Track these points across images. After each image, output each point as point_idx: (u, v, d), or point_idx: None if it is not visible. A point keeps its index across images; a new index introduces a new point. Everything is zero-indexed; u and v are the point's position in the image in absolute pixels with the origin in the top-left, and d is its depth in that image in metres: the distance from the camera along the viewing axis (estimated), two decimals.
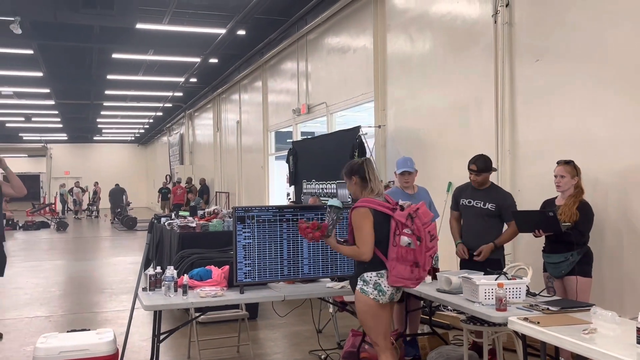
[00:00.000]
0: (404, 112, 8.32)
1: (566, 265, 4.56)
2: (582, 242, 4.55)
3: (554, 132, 5.57)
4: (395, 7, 8.50)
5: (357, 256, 3.83)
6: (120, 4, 9.40)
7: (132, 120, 29.39)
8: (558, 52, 5.52)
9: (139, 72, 16.21)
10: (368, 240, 3.77)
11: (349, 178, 4.01)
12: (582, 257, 4.53)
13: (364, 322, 3.97)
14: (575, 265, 4.52)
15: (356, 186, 3.97)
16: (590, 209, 4.61)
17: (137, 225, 20.62)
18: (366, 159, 4.11)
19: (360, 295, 3.86)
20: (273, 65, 14.06)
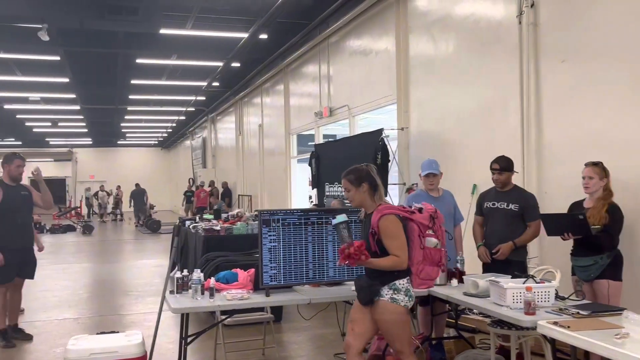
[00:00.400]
0: (427, 114, 8.28)
1: (595, 268, 4.49)
2: (611, 246, 4.48)
3: (581, 134, 5.50)
4: (417, 8, 8.47)
5: (398, 266, 3.69)
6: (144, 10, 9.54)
7: (156, 125, 29.70)
8: (584, 52, 5.46)
9: (162, 76, 16.40)
10: (405, 247, 3.73)
11: (358, 185, 3.84)
12: (612, 260, 4.46)
13: (394, 332, 3.78)
14: (605, 269, 4.46)
15: (366, 194, 3.84)
16: (620, 212, 4.54)
17: (161, 228, 20.82)
18: (368, 165, 3.96)
19: (391, 306, 3.71)
20: (295, 68, 14.10)
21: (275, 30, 11.55)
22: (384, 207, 3.79)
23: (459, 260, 5.05)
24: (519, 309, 3.75)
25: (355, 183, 3.86)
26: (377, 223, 3.71)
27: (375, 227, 3.72)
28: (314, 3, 10.29)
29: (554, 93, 5.86)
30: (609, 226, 4.46)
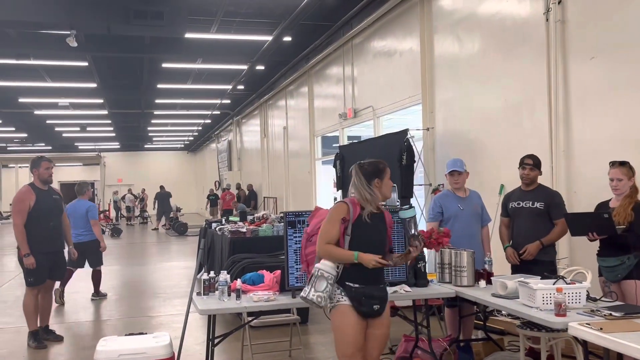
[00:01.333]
0: (453, 114, 8.21)
1: (622, 268, 4.40)
2: (639, 245, 4.38)
3: (611, 132, 5.39)
4: (442, 8, 8.41)
5: None
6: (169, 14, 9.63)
7: (182, 128, 30.01)
8: (615, 49, 5.35)
9: (187, 80, 16.56)
10: None
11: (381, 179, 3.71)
12: (639, 260, 4.36)
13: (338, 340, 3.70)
14: (632, 269, 4.36)
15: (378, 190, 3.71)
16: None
17: (187, 230, 21.02)
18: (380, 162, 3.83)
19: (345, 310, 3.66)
20: (319, 70, 14.11)
21: (299, 32, 11.58)
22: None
23: (486, 262, 4.99)
24: (549, 311, 3.69)
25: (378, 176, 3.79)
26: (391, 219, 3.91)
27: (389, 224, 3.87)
28: (337, 4, 10.29)
29: (583, 91, 5.76)
30: (635, 225, 4.36)
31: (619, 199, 4.54)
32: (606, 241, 4.51)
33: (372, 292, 3.66)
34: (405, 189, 8.04)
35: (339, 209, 3.68)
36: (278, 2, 10.35)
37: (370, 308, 3.64)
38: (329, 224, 3.66)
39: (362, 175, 3.73)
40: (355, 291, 3.61)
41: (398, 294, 4.61)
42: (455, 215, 5.45)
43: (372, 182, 3.71)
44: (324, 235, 3.65)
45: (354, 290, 3.61)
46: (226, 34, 11.67)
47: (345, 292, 3.62)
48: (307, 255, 3.89)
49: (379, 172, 3.75)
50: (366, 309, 3.63)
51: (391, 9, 9.69)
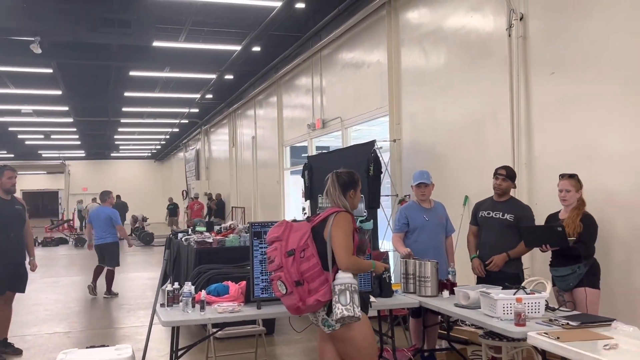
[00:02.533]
0: (419, 126, 8.32)
1: (574, 277, 4.54)
2: (588, 254, 4.52)
3: (571, 145, 5.54)
4: (409, 22, 8.54)
5: None
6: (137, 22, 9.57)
7: (149, 137, 29.69)
8: (574, 64, 5.51)
9: (155, 89, 16.42)
10: None
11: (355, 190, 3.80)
12: (589, 269, 4.52)
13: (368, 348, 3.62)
14: (583, 278, 4.51)
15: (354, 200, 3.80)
16: (594, 221, 4.61)
17: (154, 240, 20.73)
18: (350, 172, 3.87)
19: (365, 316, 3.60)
20: (288, 80, 14.16)
21: (268, 42, 11.62)
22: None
23: (450, 272, 5.06)
24: (509, 320, 3.76)
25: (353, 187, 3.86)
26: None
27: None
28: (306, 16, 10.37)
29: (544, 105, 5.91)
30: (584, 235, 4.53)
31: (568, 210, 4.69)
32: (558, 251, 4.65)
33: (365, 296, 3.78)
34: (372, 200, 8.10)
35: (350, 220, 3.65)
36: (247, 12, 10.38)
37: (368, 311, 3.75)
38: (348, 236, 3.60)
39: (338, 185, 3.75)
40: (364, 297, 3.71)
41: None
42: (421, 226, 5.52)
43: (347, 193, 3.74)
44: (349, 249, 3.58)
45: (363, 296, 3.69)
46: (194, 43, 11.64)
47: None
48: (304, 273, 3.54)
49: (355, 183, 3.79)
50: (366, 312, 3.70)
51: (359, 22, 9.80)
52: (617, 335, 3.31)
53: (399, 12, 8.76)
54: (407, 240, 5.54)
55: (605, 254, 4.95)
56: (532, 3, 6.02)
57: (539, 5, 5.95)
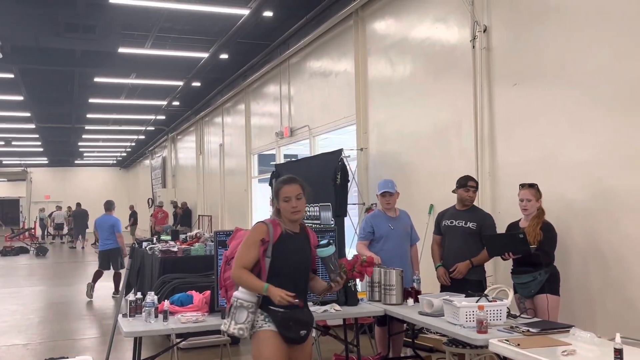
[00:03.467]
0: (385, 135, 8.39)
1: (534, 284, 4.63)
2: (548, 262, 4.63)
3: (532, 155, 5.66)
4: (375, 32, 8.63)
5: None
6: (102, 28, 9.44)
7: (114, 144, 29.23)
8: (535, 76, 5.64)
9: (121, 95, 16.20)
10: None
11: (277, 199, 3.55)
12: (549, 276, 4.62)
13: None
14: (543, 284, 4.61)
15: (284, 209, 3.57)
16: (553, 229, 4.72)
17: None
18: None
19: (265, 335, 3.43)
20: (256, 88, 14.13)
21: (236, 50, 11.58)
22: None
23: (415, 280, 5.10)
24: (472, 328, 3.80)
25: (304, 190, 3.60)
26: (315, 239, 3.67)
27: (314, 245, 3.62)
28: (274, 24, 10.38)
29: (507, 115, 6.03)
30: (544, 243, 4.63)
31: (528, 219, 4.80)
32: (519, 259, 4.73)
33: (300, 316, 3.48)
34: (339, 208, 8.14)
35: (257, 230, 3.48)
36: (214, 19, 10.34)
37: (297, 334, 3.46)
38: (246, 246, 3.46)
39: (273, 193, 3.61)
40: (282, 316, 3.40)
41: (328, 313, 4.65)
42: (386, 234, 5.56)
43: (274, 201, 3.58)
44: (240, 259, 3.44)
45: (279, 314, 3.39)
46: (161, 49, 11.54)
47: (271, 317, 3.40)
48: (225, 280, 3.70)
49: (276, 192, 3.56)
50: (293, 335, 3.44)
51: (327, 31, 9.85)
52: (575, 341, 3.38)
53: (366, 22, 8.84)
54: (373, 249, 5.56)
55: (564, 262, 5.06)
56: (495, 15, 6.15)
57: (502, 18, 6.08)
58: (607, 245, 4.82)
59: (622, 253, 4.68)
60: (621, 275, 4.70)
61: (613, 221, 4.77)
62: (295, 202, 3.50)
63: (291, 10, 9.74)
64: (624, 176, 4.69)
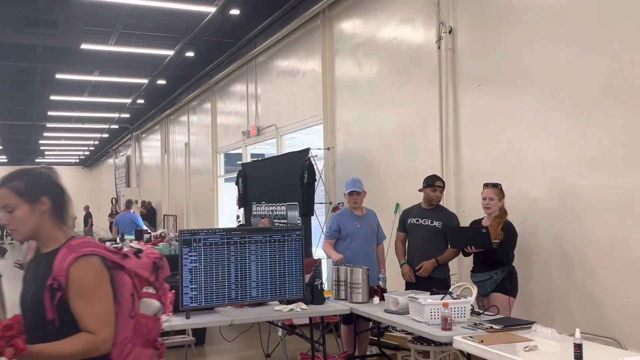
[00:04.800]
0: (352, 135, 8.42)
1: (491, 283, 4.71)
2: (507, 261, 4.70)
3: (496, 155, 5.75)
4: (343, 32, 8.65)
5: (94, 350, 2.08)
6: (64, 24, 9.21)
7: (77, 142, 28.66)
8: (499, 77, 5.73)
9: (84, 93, 15.87)
10: (111, 315, 2.14)
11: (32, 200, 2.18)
12: (506, 275, 4.67)
13: None
14: (499, 284, 4.68)
15: (45, 216, 2.21)
16: (514, 229, 4.80)
17: None
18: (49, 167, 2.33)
19: None
20: (222, 87, 14.02)
21: (202, 48, 11.46)
22: (79, 242, 2.18)
23: (380, 278, 5.13)
24: (436, 325, 3.84)
25: (25, 196, 2.18)
26: (66, 270, 2.10)
27: (62, 278, 2.10)
28: (241, 22, 10.30)
29: (471, 116, 6.11)
30: (504, 243, 4.71)
31: (490, 218, 4.87)
32: (479, 258, 4.81)
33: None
34: (306, 207, 8.13)
35: None
36: (180, 17, 10.21)
37: None
38: None
39: None
40: None
41: (294, 312, 4.64)
42: (352, 233, 5.59)
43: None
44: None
45: None
46: (125, 46, 11.34)
47: None
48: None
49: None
50: None
51: (294, 30, 9.83)
52: (536, 337, 3.45)
53: (333, 22, 8.86)
54: (339, 248, 5.58)
55: (527, 261, 5.16)
56: (460, 17, 6.23)
57: (467, 19, 6.16)
58: (569, 243, 4.92)
59: (584, 251, 4.79)
60: (583, 273, 4.80)
61: (575, 220, 4.87)
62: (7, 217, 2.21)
63: (258, 9, 9.69)
64: (584, 176, 4.80)
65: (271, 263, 4.73)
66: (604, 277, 4.59)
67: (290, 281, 4.79)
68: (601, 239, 4.61)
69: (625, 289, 4.44)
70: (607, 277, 4.57)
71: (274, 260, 4.74)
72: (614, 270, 4.51)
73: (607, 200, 4.58)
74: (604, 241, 4.58)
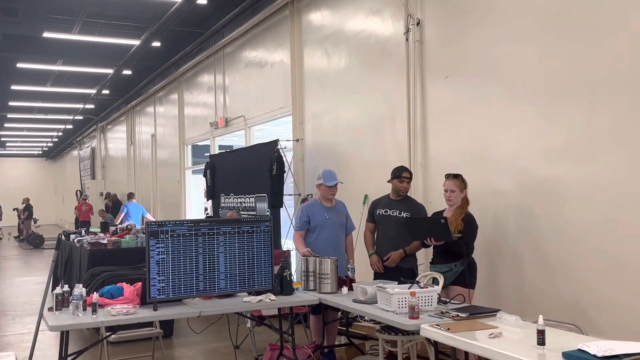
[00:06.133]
0: (321, 126, 8.42)
1: (450, 275, 4.75)
2: (467, 253, 4.73)
3: (463, 146, 5.82)
4: (311, 23, 8.63)
5: None
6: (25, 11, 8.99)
7: (40, 134, 28.00)
8: (466, 69, 5.80)
9: (46, 82, 15.50)
10: None
11: None
12: (465, 267, 4.70)
13: None
14: (458, 276, 4.71)
15: None
16: (475, 221, 4.85)
17: (44, 243, 19.58)
18: None
19: None
20: (189, 77, 13.85)
21: (169, 38, 11.30)
22: None
23: (349, 269, 5.16)
24: (404, 314, 3.89)
25: None
26: None
27: None
28: (208, 12, 10.19)
29: (438, 107, 6.17)
30: (464, 234, 4.73)
31: (452, 209, 4.91)
32: (439, 249, 4.85)
33: None
34: (275, 199, 8.12)
35: None
36: (146, 5, 10.04)
37: None
38: None
39: None
40: None
41: (263, 303, 4.63)
42: (322, 224, 5.60)
43: None
44: None
45: None
46: (90, 35, 11.09)
47: None
48: None
49: None
50: None
51: (262, 20, 9.77)
52: (501, 324, 3.52)
53: (301, 12, 8.82)
54: (309, 239, 5.59)
55: (496, 251, 5.25)
56: (428, 9, 6.27)
57: (434, 12, 6.21)
58: (535, 231, 5.01)
59: (550, 239, 4.88)
60: (549, 261, 4.90)
61: (540, 208, 4.96)
62: None
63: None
64: (548, 166, 4.90)
65: (240, 254, 4.71)
66: (570, 265, 4.69)
67: (259, 272, 4.78)
68: (566, 227, 4.71)
69: (587, 277, 4.56)
70: (573, 265, 4.67)
71: (243, 251, 4.72)
72: (579, 258, 4.62)
73: (571, 189, 4.68)
74: (570, 229, 4.69)
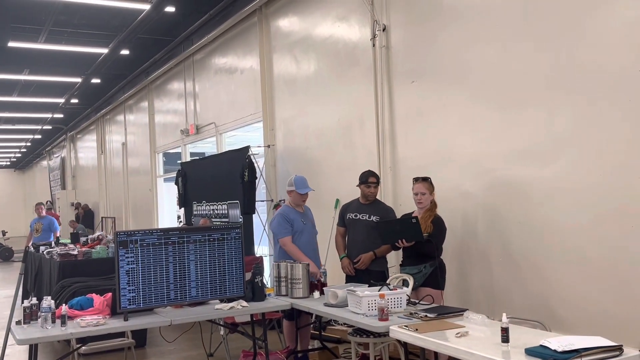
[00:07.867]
0: (291, 132, 8.46)
1: (419, 277, 4.80)
2: (435, 255, 4.79)
3: (430, 149, 5.92)
4: (280, 29, 8.67)
5: None
6: None
7: (7, 144, 27.50)
8: (431, 74, 5.90)
9: (12, 92, 15.26)
10: None
11: None
12: (434, 269, 4.76)
13: None
14: (427, 278, 4.77)
15: None
16: (443, 223, 4.93)
17: (13, 256, 19.24)
18: None
19: None
20: (159, 85, 13.77)
21: (137, 45, 11.23)
22: None
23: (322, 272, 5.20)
24: (374, 316, 3.94)
25: None
26: None
27: None
28: (176, 19, 10.16)
29: (406, 112, 6.26)
30: (433, 236, 4.80)
31: (421, 212, 4.99)
32: (409, 251, 4.92)
33: None
34: (247, 206, 8.12)
35: None
36: (114, 13, 9.97)
37: None
38: None
39: None
40: None
41: (235, 310, 4.64)
42: (301, 229, 5.65)
43: None
44: None
45: None
46: (56, 44, 10.98)
47: None
48: None
49: None
50: None
51: (231, 27, 9.78)
52: (468, 323, 3.60)
53: (270, 19, 8.86)
54: None
55: (465, 252, 5.34)
56: (394, 15, 6.36)
57: (400, 18, 6.30)
58: (502, 231, 5.11)
59: (515, 238, 4.99)
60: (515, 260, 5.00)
61: (506, 209, 5.06)
62: None
63: (194, 6, 9.58)
64: (513, 167, 5.01)
65: (211, 262, 4.72)
66: (535, 263, 4.80)
67: (230, 279, 4.79)
68: (531, 226, 4.82)
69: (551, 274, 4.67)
70: (538, 263, 4.78)
71: (214, 259, 4.73)
72: (544, 256, 4.73)
73: (535, 189, 4.80)
74: (534, 228, 4.80)
